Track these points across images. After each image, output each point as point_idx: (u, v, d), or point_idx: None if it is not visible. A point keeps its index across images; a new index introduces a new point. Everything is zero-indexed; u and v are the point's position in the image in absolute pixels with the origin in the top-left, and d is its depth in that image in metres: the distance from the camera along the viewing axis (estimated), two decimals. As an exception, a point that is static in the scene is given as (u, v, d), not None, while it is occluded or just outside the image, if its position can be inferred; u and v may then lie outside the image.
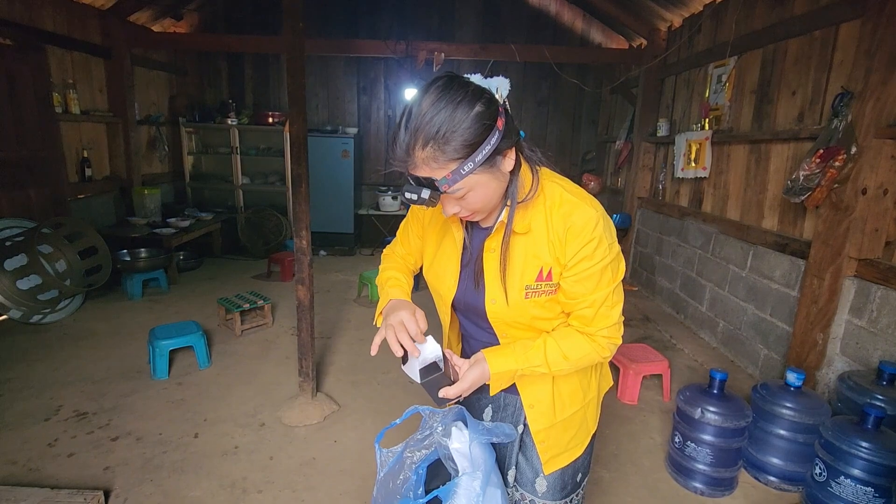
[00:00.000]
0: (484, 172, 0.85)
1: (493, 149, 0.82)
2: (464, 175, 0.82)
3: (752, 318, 3.00)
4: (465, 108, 0.80)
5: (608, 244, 0.93)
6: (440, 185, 0.82)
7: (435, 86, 0.82)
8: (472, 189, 0.86)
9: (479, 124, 0.80)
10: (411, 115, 0.81)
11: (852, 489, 1.70)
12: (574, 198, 0.93)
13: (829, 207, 2.33)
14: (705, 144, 3.50)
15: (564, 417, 1.09)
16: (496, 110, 0.84)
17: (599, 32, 5.70)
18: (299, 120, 2.18)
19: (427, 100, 0.80)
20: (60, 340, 3.11)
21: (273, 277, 4.62)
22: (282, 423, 2.33)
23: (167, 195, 5.45)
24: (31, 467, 1.96)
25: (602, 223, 0.92)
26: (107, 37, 4.41)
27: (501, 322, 1.03)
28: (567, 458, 1.12)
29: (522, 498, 1.16)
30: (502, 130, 0.84)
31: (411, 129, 0.80)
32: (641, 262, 4.65)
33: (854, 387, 1.97)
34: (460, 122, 0.79)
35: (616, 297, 0.97)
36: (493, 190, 0.89)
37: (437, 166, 0.81)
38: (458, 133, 0.79)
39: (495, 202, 0.93)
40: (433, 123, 0.79)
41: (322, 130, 5.71)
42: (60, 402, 2.42)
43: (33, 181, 3.66)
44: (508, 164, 0.89)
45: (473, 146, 0.80)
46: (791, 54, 2.79)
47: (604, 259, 0.92)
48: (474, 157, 0.81)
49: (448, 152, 0.80)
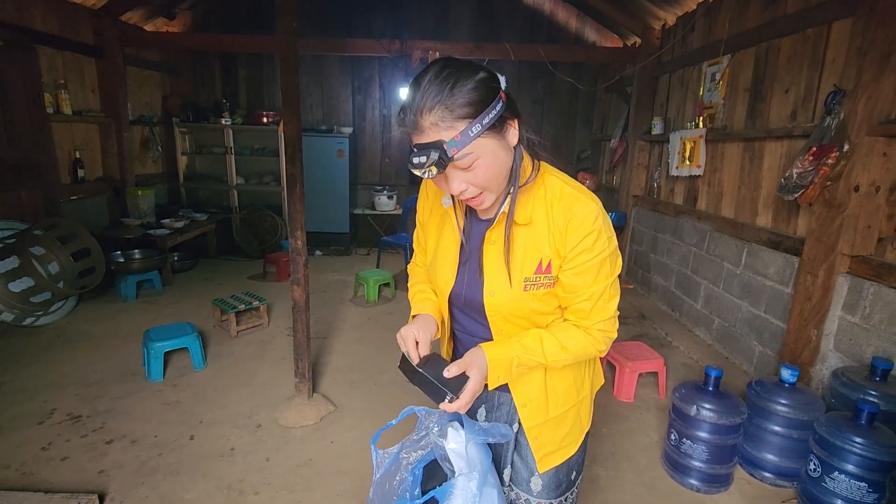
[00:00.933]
0: (491, 137, 0.86)
1: (499, 114, 0.85)
2: (472, 137, 0.83)
3: (746, 315, 3.02)
4: (469, 73, 0.84)
5: (607, 237, 0.94)
6: (448, 149, 0.82)
7: (437, 63, 0.86)
8: (480, 157, 0.85)
9: (485, 86, 0.84)
10: (419, 85, 0.84)
11: (846, 484, 1.71)
12: (574, 191, 0.95)
13: (823, 205, 2.35)
14: (699, 142, 3.51)
15: (557, 414, 1.09)
16: (498, 84, 0.87)
17: (594, 31, 5.71)
18: (294, 120, 2.17)
19: (433, 70, 0.84)
20: (54, 343, 3.09)
21: (269, 278, 4.61)
22: (278, 425, 2.32)
23: (161, 196, 5.42)
24: (25, 471, 1.95)
25: (601, 216, 0.93)
26: (98, 36, 4.38)
27: (498, 316, 1.03)
28: (561, 455, 1.12)
29: (518, 497, 1.16)
30: (505, 102, 0.87)
31: (418, 98, 0.83)
32: (637, 260, 4.67)
33: (847, 383, 1.99)
34: (466, 82, 0.83)
35: (613, 291, 0.98)
36: (501, 160, 0.89)
37: (445, 126, 0.82)
38: (465, 91, 0.82)
39: (501, 178, 0.92)
40: (440, 87, 0.82)
41: (317, 130, 5.69)
42: (54, 406, 2.40)
43: (25, 182, 3.63)
44: (514, 134, 0.91)
45: (481, 105, 0.83)
46: (784, 52, 2.80)
47: (603, 252, 0.93)
48: (482, 118, 0.83)
49: (455, 111, 0.82)
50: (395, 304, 4.08)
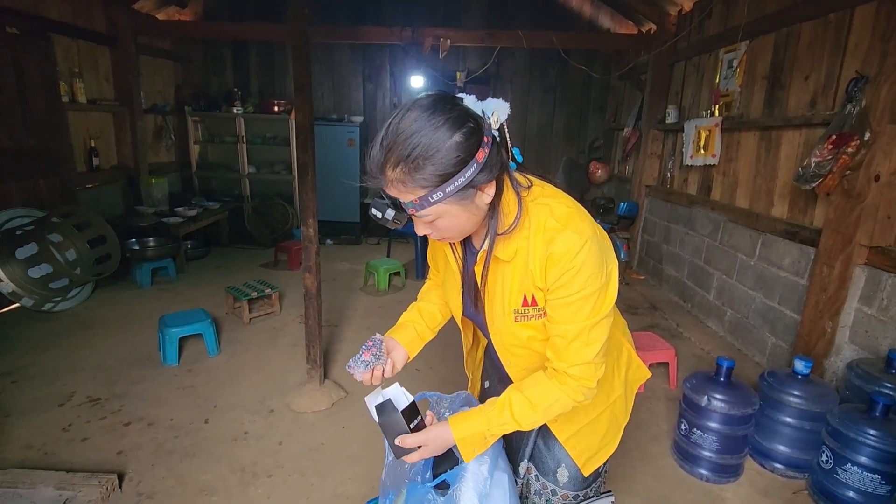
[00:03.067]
0: (454, 204, 0.82)
1: (467, 182, 0.79)
2: (431, 203, 0.80)
3: (759, 307, 2.99)
4: (443, 135, 0.76)
5: (590, 273, 0.86)
6: (406, 208, 0.81)
7: (419, 104, 0.79)
8: (440, 216, 0.84)
9: (453, 156, 0.77)
10: (388, 132, 0.78)
11: (859, 476, 1.70)
12: (558, 223, 0.87)
13: (841, 194, 2.30)
14: (715, 131, 3.45)
15: (590, 420, 1.09)
16: (477, 142, 0.80)
17: (608, 18, 5.61)
18: (305, 107, 2.17)
19: (407, 119, 0.77)
20: (72, 328, 3.16)
21: (280, 266, 4.65)
22: (290, 410, 2.36)
23: (174, 184, 5.47)
24: (47, 451, 2.00)
25: (586, 250, 0.85)
26: (112, 25, 4.40)
27: (501, 344, 1.04)
28: (602, 456, 1.13)
29: (544, 487, 1.16)
30: (481, 164, 0.80)
31: (385, 146, 0.78)
32: (648, 251, 4.63)
33: (862, 375, 1.96)
34: (435, 149, 0.76)
35: (594, 335, 0.90)
36: (464, 220, 0.87)
37: (406, 190, 0.79)
38: (430, 161, 0.76)
39: (468, 229, 0.90)
40: (407, 145, 0.76)
41: (327, 119, 5.69)
42: (73, 389, 2.47)
43: (42, 171, 3.69)
44: (484, 198, 0.85)
45: (445, 177, 0.78)
46: (804, 38, 2.73)
47: (583, 290, 0.87)
48: (444, 187, 0.78)
49: (417, 179, 0.77)
50: (405, 293, 4.09)
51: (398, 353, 1.11)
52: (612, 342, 1.08)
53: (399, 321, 1.20)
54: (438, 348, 2.05)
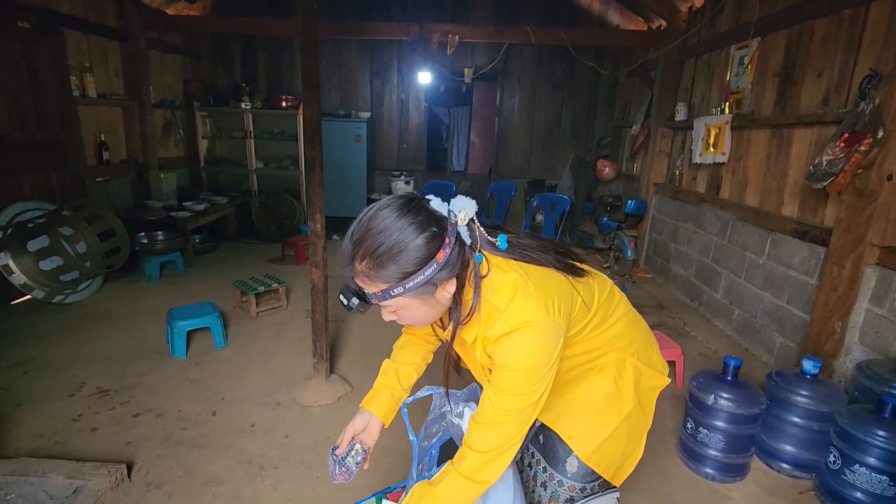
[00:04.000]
0: (415, 298, 0.89)
1: (426, 280, 0.86)
2: (392, 296, 0.87)
3: (768, 306, 2.96)
4: (408, 236, 0.83)
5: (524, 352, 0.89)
6: (370, 298, 0.90)
7: (390, 206, 0.86)
8: (402, 308, 0.92)
9: (415, 256, 0.84)
10: (359, 225, 0.86)
11: (867, 477, 1.69)
12: (498, 311, 0.91)
13: (853, 193, 2.27)
14: (725, 129, 3.42)
15: (607, 435, 1.12)
16: (439, 244, 0.86)
17: (617, 14, 5.57)
18: (313, 102, 2.17)
19: (377, 218, 0.85)
20: (82, 320, 3.20)
21: (287, 261, 4.67)
22: (297, 403, 2.37)
23: (182, 179, 5.51)
24: (58, 440, 2.03)
25: (518, 334, 0.88)
26: (122, 20, 4.43)
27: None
28: (631, 464, 1.17)
29: (551, 478, 1.18)
30: (441, 263, 0.86)
31: (354, 240, 0.86)
32: (656, 250, 4.60)
33: (872, 375, 1.95)
34: (398, 249, 0.83)
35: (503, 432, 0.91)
36: (425, 312, 0.95)
37: (370, 283, 0.87)
38: (393, 260, 0.83)
39: (429, 320, 0.99)
40: (374, 242, 0.83)
41: (335, 115, 5.71)
42: (83, 380, 2.50)
43: (53, 164, 3.73)
44: (444, 294, 0.92)
45: (406, 275, 0.85)
46: (818, 34, 2.70)
47: (508, 365, 0.90)
48: (405, 283, 0.85)
49: (381, 275, 0.85)
50: (411, 289, 4.10)
51: (373, 426, 1.20)
52: (611, 361, 1.12)
53: (375, 385, 1.25)
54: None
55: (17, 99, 3.46)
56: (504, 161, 6.51)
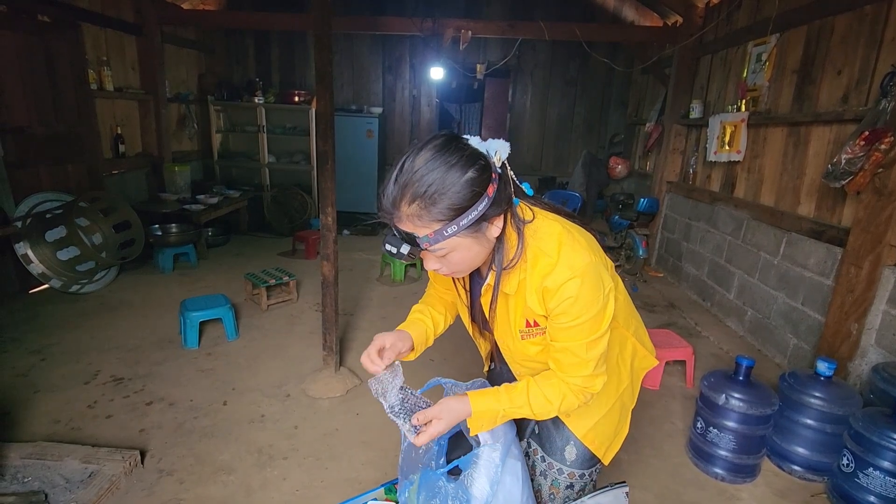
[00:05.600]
0: (467, 236, 0.86)
1: (480, 215, 0.84)
2: (446, 237, 0.83)
3: (782, 307, 2.92)
4: (457, 171, 0.81)
5: (585, 303, 0.91)
6: (421, 243, 0.84)
7: (431, 144, 0.84)
8: (453, 250, 0.88)
9: (468, 190, 0.82)
10: (402, 169, 0.83)
11: (881, 481, 1.66)
12: (551, 259, 0.91)
13: (872, 193, 2.23)
14: (741, 127, 3.37)
15: (604, 413, 1.14)
16: (488, 177, 0.85)
17: (632, 9, 5.50)
18: (326, 96, 2.18)
19: (421, 157, 0.82)
20: (97, 310, 3.25)
21: (298, 255, 4.71)
22: (306, 395, 2.40)
23: (196, 172, 5.57)
24: (73, 426, 2.08)
25: (577, 282, 0.90)
26: (138, 14, 4.48)
27: (511, 359, 1.13)
28: (618, 442, 1.20)
29: (550, 467, 1.19)
30: (492, 197, 0.85)
31: (401, 183, 0.82)
32: (668, 248, 4.55)
33: (888, 378, 1.91)
34: (451, 185, 0.81)
35: (591, 354, 0.96)
36: (475, 253, 0.91)
37: (421, 224, 0.83)
38: (446, 196, 0.81)
39: (477, 263, 0.96)
40: (423, 182, 0.80)
41: (347, 110, 5.72)
42: (98, 368, 2.54)
43: (71, 156, 3.79)
44: (494, 230, 0.90)
45: (460, 210, 0.82)
46: (838, 31, 2.64)
47: (578, 318, 0.92)
48: (459, 220, 0.82)
49: (433, 213, 0.81)
50: (421, 284, 4.11)
51: (403, 342, 1.13)
52: (614, 337, 1.12)
53: (411, 317, 1.22)
54: (453, 339, 2.06)
55: (37, 92, 3.52)
56: (515, 158, 6.47)
